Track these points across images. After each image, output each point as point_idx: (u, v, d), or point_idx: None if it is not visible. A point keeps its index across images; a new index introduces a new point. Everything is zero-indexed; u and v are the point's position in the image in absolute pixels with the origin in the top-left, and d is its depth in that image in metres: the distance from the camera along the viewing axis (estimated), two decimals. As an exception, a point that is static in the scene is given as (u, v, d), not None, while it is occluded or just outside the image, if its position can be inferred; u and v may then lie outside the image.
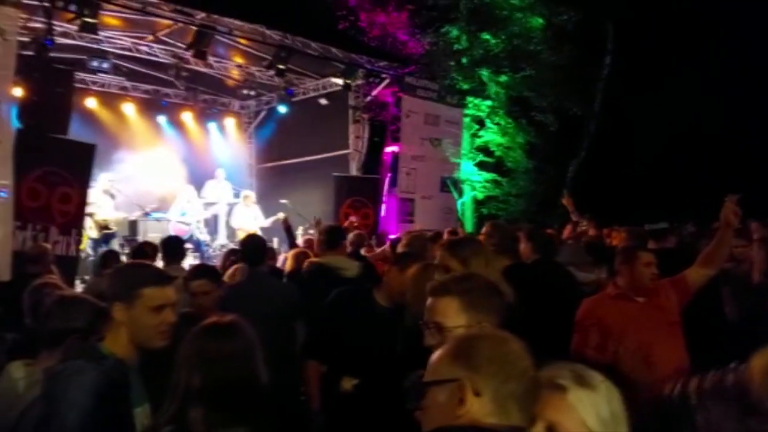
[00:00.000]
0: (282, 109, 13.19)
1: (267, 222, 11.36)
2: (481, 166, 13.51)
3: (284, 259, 7.12)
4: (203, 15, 9.55)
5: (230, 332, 1.91)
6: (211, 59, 10.97)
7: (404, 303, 3.16)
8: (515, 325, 1.92)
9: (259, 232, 11.19)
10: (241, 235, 11.23)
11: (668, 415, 1.18)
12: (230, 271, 5.97)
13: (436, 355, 1.44)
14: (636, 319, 3.44)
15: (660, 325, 3.42)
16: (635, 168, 15.10)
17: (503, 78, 13.09)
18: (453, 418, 1.32)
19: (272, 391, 1.96)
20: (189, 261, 8.67)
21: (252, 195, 12.06)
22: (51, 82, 7.69)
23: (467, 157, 13.19)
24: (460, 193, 13.11)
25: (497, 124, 13.28)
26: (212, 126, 14.33)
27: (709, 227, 6.26)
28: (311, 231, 11.03)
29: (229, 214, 12.20)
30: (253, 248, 4.51)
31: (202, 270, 3.79)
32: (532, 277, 4.12)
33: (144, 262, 2.57)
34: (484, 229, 5.23)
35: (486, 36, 12.98)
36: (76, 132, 8.70)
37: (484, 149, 13.55)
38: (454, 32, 13.06)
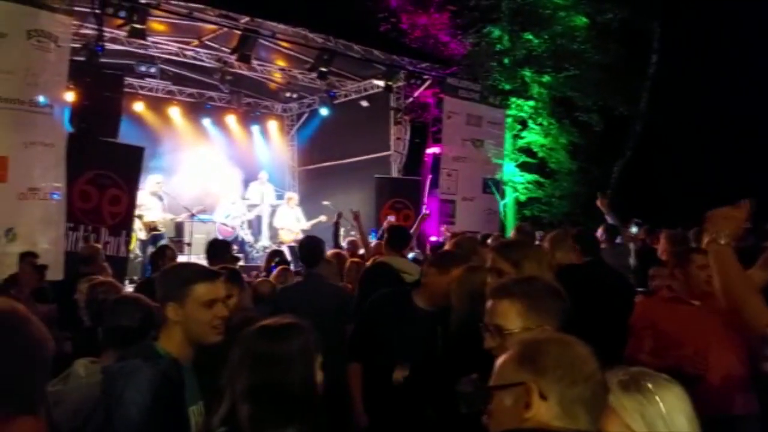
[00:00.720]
0: (324, 111, 13.28)
1: (308, 224, 11.45)
2: (524, 167, 13.36)
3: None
4: (247, 19, 9.67)
5: (286, 334, 1.90)
6: (254, 62, 11.10)
7: (443, 305, 3.13)
8: (571, 327, 1.90)
9: (300, 234, 11.33)
10: (283, 235, 11.38)
11: None
12: (275, 272, 6.05)
13: (501, 359, 1.44)
14: (692, 323, 3.34)
15: (717, 329, 3.30)
16: (683, 169, 14.74)
17: (546, 78, 12.93)
18: (520, 421, 1.33)
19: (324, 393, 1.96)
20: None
21: (295, 197, 12.19)
22: (102, 86, 7.91)
23: (509, 158, 13.06)
24: (502, 195, 12.98)
25: (540, 124, 13.12)
26: (255, 128, 14.49)
27: (763, 230, 6.06)
28: (353, 233, 11.09)
29: (272, 215, 12.34)
30: (310, 249, 4.52)
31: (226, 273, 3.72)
32: (582, 278, 4.03)
33: (189, 261, 2.60)
34: (511, 234, 5.16)
35: (528, 36, 12.85)
36: (123, 135, 8.90)
37: (527, 150, 13.40)
38: (496, 32, 12.97)
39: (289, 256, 8.76)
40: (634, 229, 6.96)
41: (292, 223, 11.61)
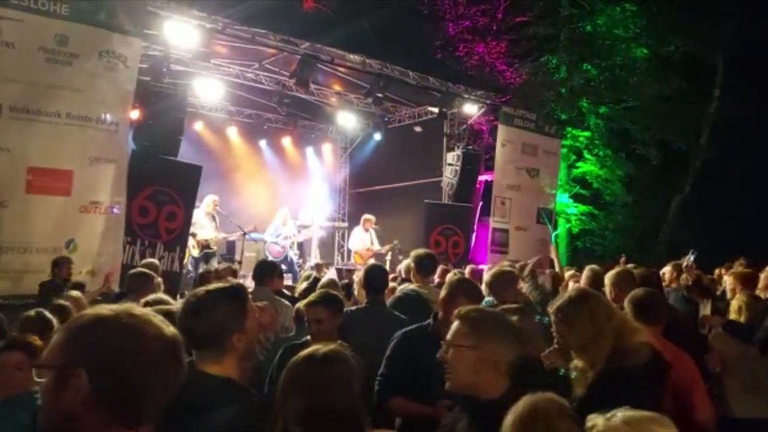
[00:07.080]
0: (377, 136, 13.38)
1: (384, 249, 11.45)
2: (577, 198, 13.15)
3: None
4: (307, 44, 9.88)
5: (328, 362, 1.96)
6: (311, 86, 11.29)
7: None
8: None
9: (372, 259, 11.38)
10: (357, 259, 11.41)
11: None
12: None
13: None
14: None
15: None
16: (743, 205, 14.22)
17: (603, 109, 12.77)
18: None
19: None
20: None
21: (372, 219, 12.04)
22: (165, 106, 8.13)
23: (563, 188, 12.87)
24: (555, 226, 12.77)
25: (596, 155, 12.92)
26: (309, 150, 14.72)
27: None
28: (400, 256, 11.05)
29: (342, 236, 12.40)
30: (374, 278, 4.54)
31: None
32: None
33: None
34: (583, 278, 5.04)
35: (587, 66, 12.72)
36: (181, 152, 9.11)
37: (581, 181, 13.20)
38: (554, 62, 12.89)
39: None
40: (691, 257, 6.57)
41: (365, 246, 11.66)
